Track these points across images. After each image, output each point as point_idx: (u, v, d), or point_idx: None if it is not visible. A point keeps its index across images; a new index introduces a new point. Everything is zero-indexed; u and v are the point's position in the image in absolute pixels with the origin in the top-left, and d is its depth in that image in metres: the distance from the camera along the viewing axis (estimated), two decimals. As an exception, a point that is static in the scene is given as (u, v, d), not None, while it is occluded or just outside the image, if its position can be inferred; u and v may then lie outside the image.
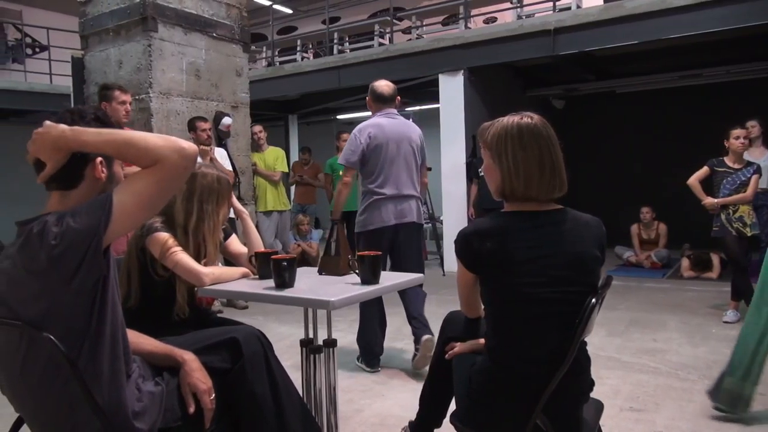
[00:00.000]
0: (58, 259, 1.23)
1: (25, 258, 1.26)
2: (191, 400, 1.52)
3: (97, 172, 1.38)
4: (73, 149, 1.31)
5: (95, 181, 1.38)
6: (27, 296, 1.27)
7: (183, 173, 1.33)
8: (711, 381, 3.07)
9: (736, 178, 4.30)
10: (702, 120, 7.78)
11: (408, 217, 3.55)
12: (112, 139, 1.30)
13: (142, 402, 1.41)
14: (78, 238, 1.23)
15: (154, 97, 4.81)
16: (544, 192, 1.55)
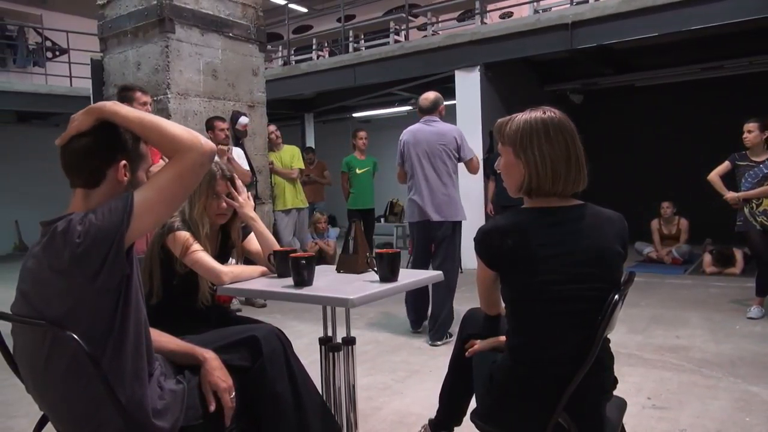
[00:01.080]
0: (81, 257, 1.24)
1: (49, 257, 1.28)
2: (212, 398, 1.53)
3: (120, 174, 1.38)
4: (104, 116, 1.34)
5: (117, 183, 1.39)
6: (51, 295, 1.29)
7: (200, 169, 1.36)
8: (735, 378, 3.02)
9: (758, 171, 4.22)
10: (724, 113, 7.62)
11: (427, 216, 3.95)
12: (141, 117, 1.35)
13: (164, 400, 1.42)
14: (101, 236, 1.25)
15: (172, 98, 4.84)
16: (569, 187, 1.53)
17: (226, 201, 2.12)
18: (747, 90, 7.74)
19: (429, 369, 3.34)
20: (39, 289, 1.30)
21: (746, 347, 3.58)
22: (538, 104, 1.64)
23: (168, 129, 1.33)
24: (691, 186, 6.51)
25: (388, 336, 4.13)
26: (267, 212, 5.63)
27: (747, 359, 3.35)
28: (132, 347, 1.33)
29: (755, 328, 4.00)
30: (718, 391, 2.88)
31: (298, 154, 6.18)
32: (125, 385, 1.32)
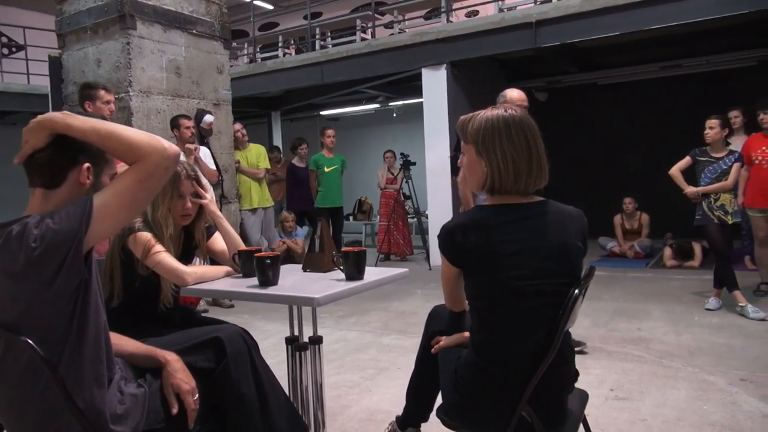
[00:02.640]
0: (37, 261, 1.21)
1: (3, 261, 1.24)
2: (174, 401, 1.51)
3: (82, 177, 1.34)
4: (57, 131, 1.29)
5: (78, 186, 1.35)
6: (4, 299, 1.25)
7: (164, 173, 1.31)
8: (693, 368, 3.12)
9: (717, 167, 4.35)
10: (683, 110, 7.85)
11: None
12: (99, 128, 1.29)
13: (125, 405, 1.40)
14: (58, 241, 1.21)
15: (134, 96, 4.75)
16: (531, 184, 1.55)
17: (191, 200, 2.09)
18: (704, 88, 7.97)
19: (398, 366, 3.35)
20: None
21: (704, 338, 3.69)
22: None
23: (126, 136, 1.28)
24: (652, 182, 6.68)
25: (357, 334, 4.13)
26: (233, 211, 5.57)
27: (705, 349, 3.45)
28: (91, 352, 1.30)
29: (713, 320, 4.13)
30: (677, 381, 2.96)
31: (264, 153, 6.13)
32: (84, 390, 1.29)
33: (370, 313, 4.72)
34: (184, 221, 2.11)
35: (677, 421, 2.50)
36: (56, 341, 1.25)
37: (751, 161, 4.70)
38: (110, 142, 1.29)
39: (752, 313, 4.04)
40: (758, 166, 4.64)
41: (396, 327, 4.29)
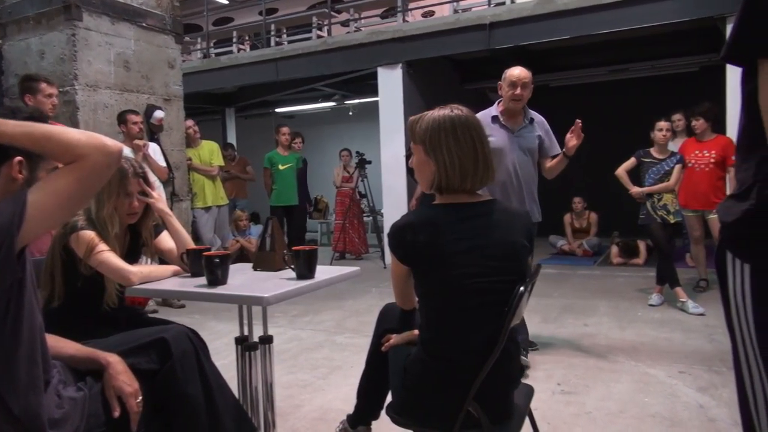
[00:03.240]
0: None
1: None
2: (116, 403, 1.47)
3: (14, 171, 1.29)
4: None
5: (11, 181, 1.29)
6: None
7: (106, 171, 1.25)
8: (636, 362, 3.24)
9: (660, 168, 4.52)
10: (629, 112, 8.12)
11: None
12: (31, 132, 1.22)
13: (63, 409, 1.35)
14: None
15: (80, 90, 4.59)
16: (478, 184, 1.58)
17: (138, 198, 2.04)
18: (649, 92, 8.27)
19: (351, 365, 3.35)
20: None
21: (647, 333, 3.83)
22: (459, 102, 1.68)
23: (63, 137, 1.21)
24: (600, 182, 6.88)
25: (310, 333, 4.11)
26: (185, 209, 5.46)
27: (647, 344, 3.59)
28: (25, 355, 1.25)
29: (655, 315, 4.29)
30: (621, 375, 3.07)
31: (217, 150, 6.03)
32: (18, 395, 1.24)
33: (324, 312, 4.71)
34: (130, 220, 2.06)
35: (620, 414, 2.59)
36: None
37: (684, 164, 4.87)
38: (47, 145, 1.22)
39: (692, 309, 4.22)
40: (691, 170, 4.82)
41: (350, 326, 4.29)
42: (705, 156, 4.79)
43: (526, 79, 3.25)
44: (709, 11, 5.49)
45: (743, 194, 1.05)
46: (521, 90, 3.24)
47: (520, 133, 3.32)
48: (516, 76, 3.24)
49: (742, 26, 0.98)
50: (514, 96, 3.23)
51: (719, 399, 2.70)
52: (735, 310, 1.09)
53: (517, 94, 3.23)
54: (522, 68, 3.30)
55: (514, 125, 3.33)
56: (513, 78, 3.24)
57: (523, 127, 3.35)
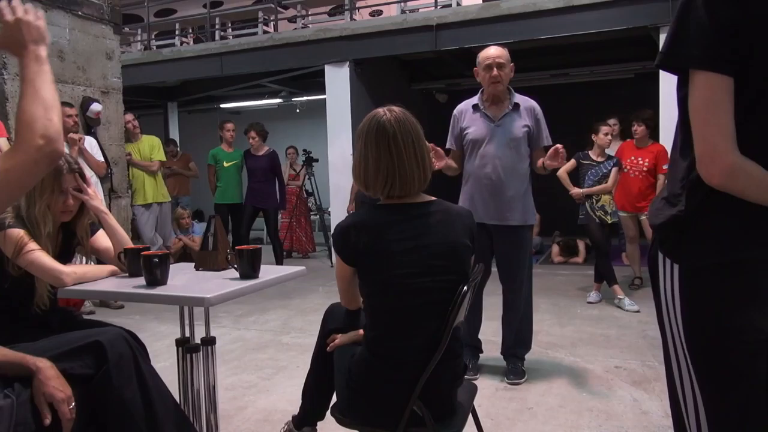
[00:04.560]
0: None
1: None
2: (47, 411, 1.40)
3: None
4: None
5: None
6: None
7: (33, 169, 1.11)
8: (575, 357, 3.34)
9: (598, 170, 4.69)
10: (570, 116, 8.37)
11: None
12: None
13: None
14: None
15: (9, 80, 4.35)
16: (416, 185, 1.58)
17: (73, 196, 1.94)
18: (588, 96, 8.56)
19: (296, 365, 3.32)
20: None
21: (585, 329, 3.97)
22: (406, 101, 1.68)
23: (41, 96, 1.11)
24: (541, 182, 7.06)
25: (255, 333, 4.05)
26: (124, 206, 5.27)
27: (585, 340, 3.71)
28: None
29: (593, 311, 4.45)
30: (560, 370, 3.16)
31: (158, 145, 5.84)
32: None
33: (270, 312, 4.64)
34: (65, 218, 1.96)
35: (559, 408, 2.67)
36: None
37: (621, 168, 5.00)
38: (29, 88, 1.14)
39: (628, 306, 4.40)
40: (626, 175, 5.02)
41: (296, 325, 4.25)
42: (639, 163, 5.02)
43: (501, 58, 2.90)
44: (644, 21, 5.73)
45: (672, 199, 1.10)
46: (497, 70, 2.88)
47: (502, 121, 2.96)
48: (490, 56, 2.90)
49: (675, 37, 1.03)
50: (492, 78, 2.89)
51: (652, 392, 2.82)
52: (665, 307, 1.14)
53: (494, 75, 2.88)
54: (496, 47, 2.97)
55: (496, 113, 2.98)
56: (488, 60, 2.90)
57: (505, 114, 2.97)
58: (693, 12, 0.99)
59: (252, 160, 6.38)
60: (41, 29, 1.20)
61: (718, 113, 0.98)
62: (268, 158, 6.37)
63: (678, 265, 1.09)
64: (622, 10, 5.83)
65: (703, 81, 0.99)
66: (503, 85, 2.95)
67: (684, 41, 1.00)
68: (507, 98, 3.00)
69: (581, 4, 5.92)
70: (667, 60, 1.05)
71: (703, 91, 1.00)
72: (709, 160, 1.00)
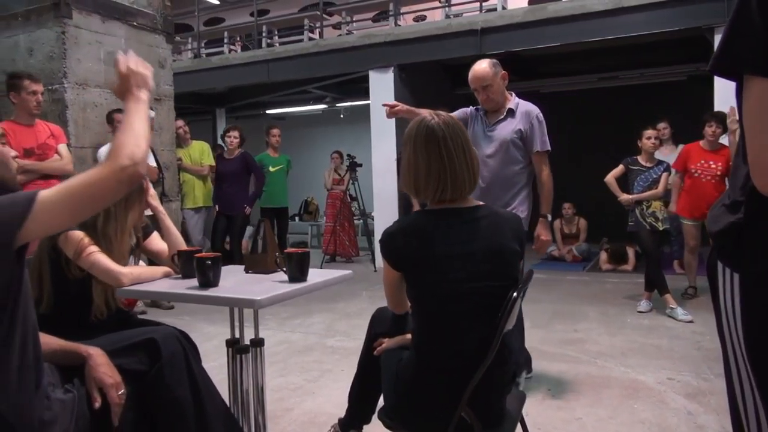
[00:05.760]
0: None
1: None
2: (97, 395, 1.45)
3: None
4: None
5: None
6: None
7: (116, 188, 1.24)
8: (625, 368, 3.25)
9: (648, 176, 4.56)
10: (619, 120, 8.19)
11: None
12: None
13: (52, 411, 1.33)
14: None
15: (69, 88, 4.54)
16: (465, 189, 1.57)
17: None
18: (638, 99, 8.34)
19: (341, 368, 3.34)
20: None
21: (635, 339, 3.85)
22: (449, 106, 1.68)
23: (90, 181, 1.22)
24: (589, 188, 6.92)
25: (300, 336, 4.09)
26: (174, 210, 5.42)
27: (636, 350, 3.60)
28: (18, 355, 1.23)
29: (644, 321, 4.32)
30: (610, 381, 3.08)
31: (207, 150, 5.99)
32: (9, 395, 1.22)
33: (315, 315, 4.69)
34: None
35: (610, 420, 2.60)
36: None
37: (687, 172, 4.79)
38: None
39: (681, 316, 4.25)
40: (696, 179, 4.72)
41: (340, 329, 4.28)
42: (711, 168, 4.67)
43: (485, 82, 2.89)
44: (698, 21, 5.55)
45: (733, 206, 1.05)
46: (485, 93, 2.92)
47: (494, 127, 2.97)
48: (471, 82, 2.94)
49: (728, 40, 0.99)
50: (482, 102, 2.98)
51: (707, 406, 2.72)
52: (725, 318, 1.10)
53: (483, 99, 2.96)
54: (478, 68, 2.93)
55: (492, 119, 3.00)
56: (472, 84, 2.95)
57: (499, 120, 2.97)
58: (747, 14, 0.95)
59: (223, 164, 6.02)
60: (147, 78, 1.38)
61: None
62: (239, 160, 6.06)
63: (738, 273, 1.05)
64: (674, 10, 5.67)
65: (757, 87, 0.95)
66: (493, 104, 2.97)
67: (737, 45, 0.96)
68: (504, 105, 2.98)
69: (631, 5, 5.79)
70: (719, 65, 1.01)
71: (757, 97, 0.95)
72: (760, 170, 0.95)
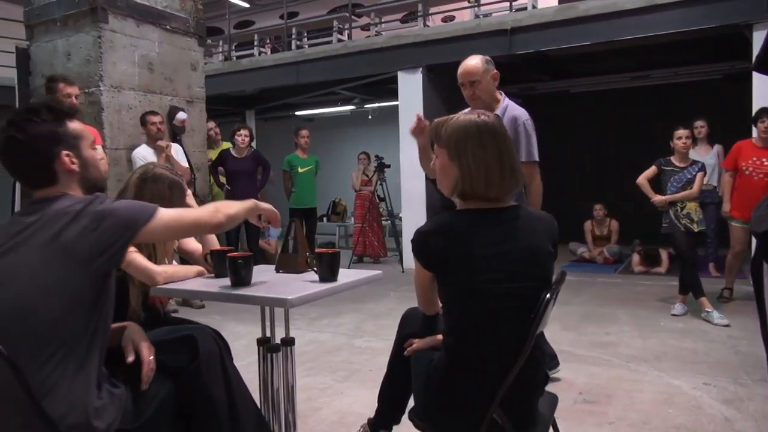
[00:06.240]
0: (87, 236, 1.29)
1: (43, 233, 1.30)
2: (131, 351, 1.54)
3: (66, 164, 1.40)
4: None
5: (70, 174, 1.42)
6: (30, 273, 1.28)
7: (213, 231, 1.79)
8: (659, 372, 3.18)
9: (682, 176, 4.46)
10: (651, 120, 8.05)
11: None
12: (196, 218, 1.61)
13: (102, 400, 1.37)
14: (120, 223, 1.33)
15: (105, 91, 4.66)
16: (503, 190, 1.56)
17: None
18: (671, 99, 8.17)
19: (369, 369, 3.34)
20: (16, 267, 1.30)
21: (670, 342, 3.77)
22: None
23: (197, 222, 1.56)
24: (621, 189, 6.81)
25: (329, 336, 4.11)
26: (205, 211, 5.50)
27: (670, 354, 3.53)
28: (97, 343, 1.35)
29: (678, 324, 4.22)
30: (643, 385, 3.02)
31: (238, 151, 6.06)
32: (77, 376, 1.31)
33: (343, 315, 4.71)
34: None
35: (643, 425, 2.55)
36: (68, 322, 1.29)
37: (738, 170, 4.65)
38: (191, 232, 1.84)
39: (717, 319, 4.14)
40: (747, 177, 4.58)
41: (369, 329, 4.29)
42: (764, 165, 4.51)
43: (475, 75, 2.74)
44: (735, 18, 5.41)
45: None
46: (471, 89, 2.77)
47: None
48: (459, 76, 2.78)
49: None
50: (468, 97, 2.81)
51: (745, 412, 2.64)
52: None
53: (468, 95, 2.79)
54: (468, 62, 2.80)
55: None
56: (460, 78, 2.80)
57: None
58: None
59: (235, 163, 5.80)
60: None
61: None
62: (251, 158, 5.90)
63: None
64: (710, 7, 5.53)
65: None
66: (483, 100, 2.79)
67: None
68: (492, 108, 2.79)
69: (664, 2, 5.66)
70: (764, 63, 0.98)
71: None
72: None
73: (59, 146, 1.38)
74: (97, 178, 1.52)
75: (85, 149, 1.45)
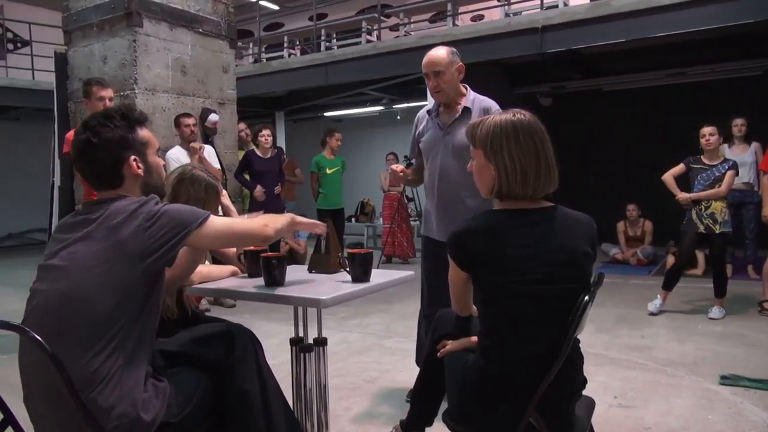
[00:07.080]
0: (143, 232, 1.35)
1: (101, 229, 1.37)
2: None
3: (133, 168, 1.48)
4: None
5: (135, 178, 1.50)
6: (86, 266, 1.34)
7: (258, 243, 1.72)
8: (698, 377, 3.10)
9: (710, 174, 4.34)
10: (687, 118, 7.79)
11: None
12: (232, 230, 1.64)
13: (147, 392, 1.40)
14: (174, 223, 1.39)
15: (140, 94, 4.75)
16: (540, 189, 1.54)
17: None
18: (709, 96, 7.96)
19: (399, 369, 3.34)
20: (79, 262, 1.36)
21: (708, 347, 3.67)
22: (509, 106, 1.65)
23: (248, 234, 1.63)
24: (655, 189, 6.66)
25: (359, 336, 4.12)
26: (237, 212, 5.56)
27: (709, 359, 3.43)
28: (146, 337, 1.40)
29: (716, 328, 4.11)
30: (681, 390, 2.95)
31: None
32: (130, 368, 1.36)
33: (372, 316, 4.71)
34: None
35: (682, 431, 2.48)
36: (121, 315, 1.34)
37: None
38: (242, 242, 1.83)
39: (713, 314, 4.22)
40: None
41: (398, 330, 4.28)
42: None
43: (438, 67, 2.58)
44: (777, 12, 5.25)
45: None
46: (435, 80, 2.60)
47: (450, 129, 2.64)
48: (423, 66, 2.62)
49: None
50: (431, 89, 2.64)
51: (789, 419, 2.56)
52: None
53: (432, 86, 2.62)
54: (433, 53, 2.63)
55: (446, 120, 2.67)
56: (423, 68, 2.63)
57: (454, 120, 2.63)
58: None
59: (260, 163, 5.62)
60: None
61: None
62: (276, 159, 5.82)
63: None
64: (748, 2, 5.36)
65: None
66: (447, 93, 2.64)
67: None
68: (459, 102, 2.67)
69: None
70: None
71: None
72: None
73: (128, 151, 1.47)
74: (158, 183, 1.60)
75: (151, 155, 1.54)
